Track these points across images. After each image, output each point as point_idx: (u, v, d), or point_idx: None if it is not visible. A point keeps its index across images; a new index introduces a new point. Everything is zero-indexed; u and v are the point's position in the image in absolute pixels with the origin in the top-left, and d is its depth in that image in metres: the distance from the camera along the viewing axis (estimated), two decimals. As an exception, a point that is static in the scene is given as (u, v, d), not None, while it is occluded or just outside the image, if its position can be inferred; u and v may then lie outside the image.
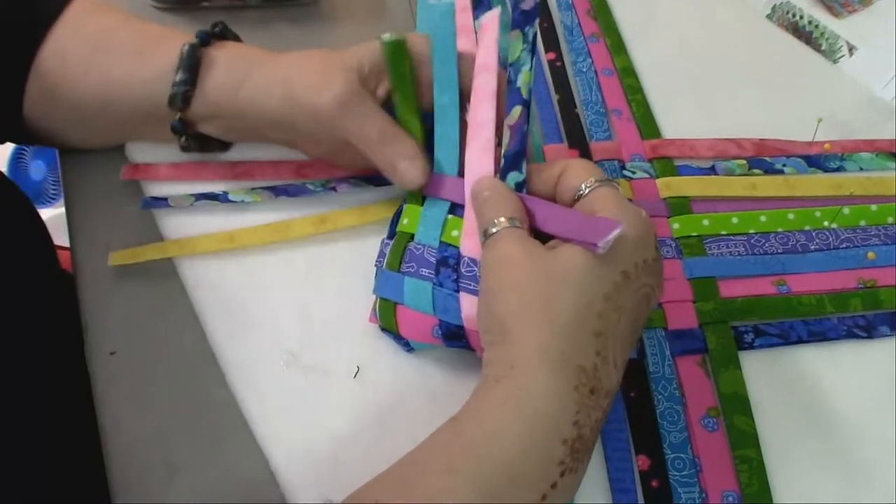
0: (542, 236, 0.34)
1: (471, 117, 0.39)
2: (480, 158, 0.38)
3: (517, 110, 0.37)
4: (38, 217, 0.47)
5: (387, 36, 0.38)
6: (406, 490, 0.29)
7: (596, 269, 0.31)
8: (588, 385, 0.30)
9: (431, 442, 0.31)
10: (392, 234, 0.41)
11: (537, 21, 0.37)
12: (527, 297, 0.31)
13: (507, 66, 0.38)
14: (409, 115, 0.40)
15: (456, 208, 0.39)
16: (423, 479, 0.29)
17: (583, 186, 0.34)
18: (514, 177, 0.36)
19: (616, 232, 0.30)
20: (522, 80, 0.37)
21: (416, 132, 0.40)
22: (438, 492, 0.28)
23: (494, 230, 0.33)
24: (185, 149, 0.43)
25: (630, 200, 0.38)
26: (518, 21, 0.37)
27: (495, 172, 0.37)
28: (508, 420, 0.29)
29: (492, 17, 0.39)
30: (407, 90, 0.39)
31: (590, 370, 0.30)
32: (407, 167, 0.39)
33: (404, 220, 0.40)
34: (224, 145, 0.46)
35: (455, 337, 0.37)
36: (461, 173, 0.39)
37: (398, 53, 0.38)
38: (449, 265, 0.37)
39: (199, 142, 0.44)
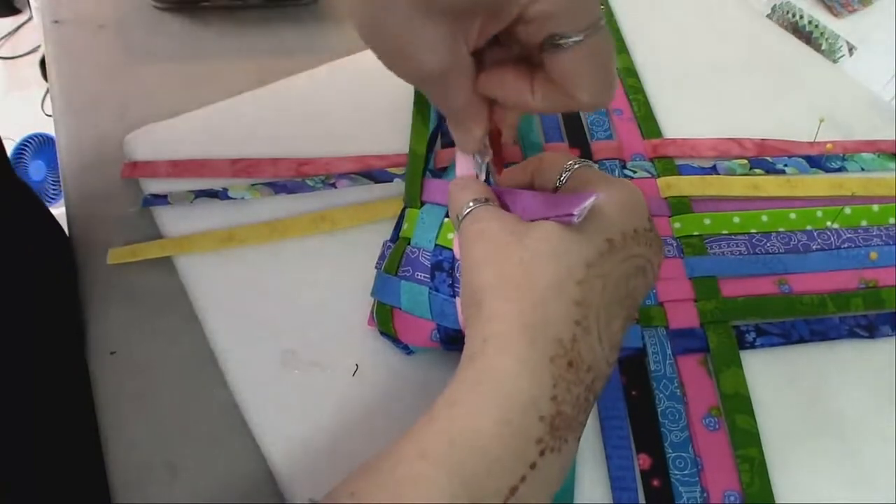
0: None
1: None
2: (462, 161, 0.37)
3: None
4: (46, 214, 0.47)
5: None
6: (380, 480, 0.27)
7: (575, 235, 0.29)
8: (566, 357, 0.28)
9: (408, 431, 0.29)
10: (395, 239, 0.41)
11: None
12: (502, 269, 0.29)
13: None
14: (419, 120, 0.40)
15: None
16: (396, 467, 0.27)
17: (561, 174, 0.33)
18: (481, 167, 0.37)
19: (591, 199, 0.28)
20: None
21: (422, 138, 0.41)
22: (411, 478, 0.27)
23: (466, 211, 0.32)
24: None
25: None
26: None
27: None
28: (480, 399, 0.28)
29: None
30: (421, 101, 0.40)
31: (567, 342, 0.28)
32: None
33: (405, 225, 0.40)
34: None
35: (453, 341, 0.37)
36: None
37: None
38: (443, 269, 0.37)
39: None
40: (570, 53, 0.29)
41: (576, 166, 0.33)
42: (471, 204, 0.33)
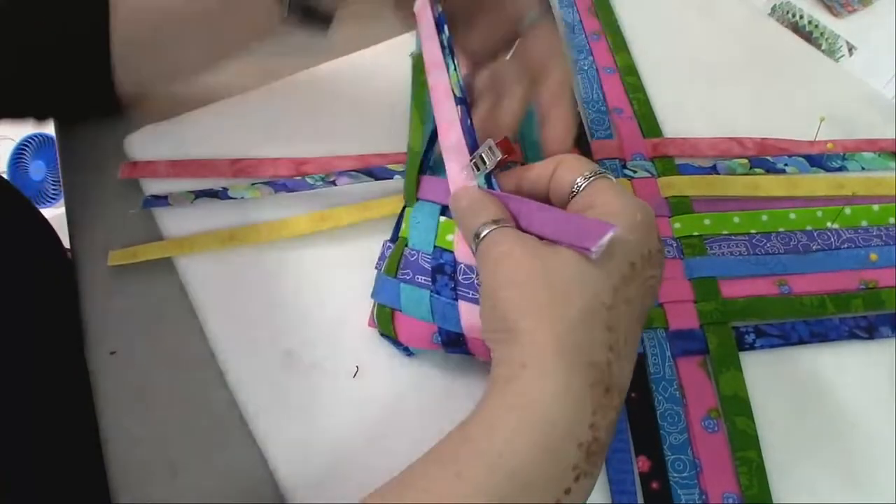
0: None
1: (437, 119, 0.38)
2: (451, 159, 0.37)
3: (457, 110, 0.37)
4: (39, 217, 0.47)
5: (414, 51, 0.38)
6: (413, 496, 0.28)
7: (602, 259, 0.29)
8: (603, 383, 0.28)
9: (440, 448, 0.29)
10: (395, 238, 0.41)
11: (446, 26, 0.37)
12: (532, 293, 0.29)
13: (454, 56, 0.38)
14: (417, 118, 0.40)
15: (446, 209, 0.38)
16: (431, 486, 0.28)
17: (578, 181, 0.33)
18: (479, 173, 0.36)
19: (609, 235, 0.29)
20: (452, 83, 0.37)
21: (418, 135, 0.40)
22: (447, 498, 0.27)
23: (484, 233, 0.32)
24: (289, 10, 0.41)
25: None
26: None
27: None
28: (520, 424, 0.27)
29: (423, 4, 0.39)
30: (420, 97, 0.40)
31: (603, 366, 0.28)
32: None
33: (404, 225, 0.40)
34: (325, 22, 0.43)
35: (455, 344, 0.37)
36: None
37: (420, 64, 0.39)
38: (445, 272, 0.37)
39: (304, 12, 0.42)
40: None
41: (593, 176, 0.32)
42: (489, 226, 0.32)
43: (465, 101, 0.37)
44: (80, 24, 0.41)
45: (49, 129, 0.54)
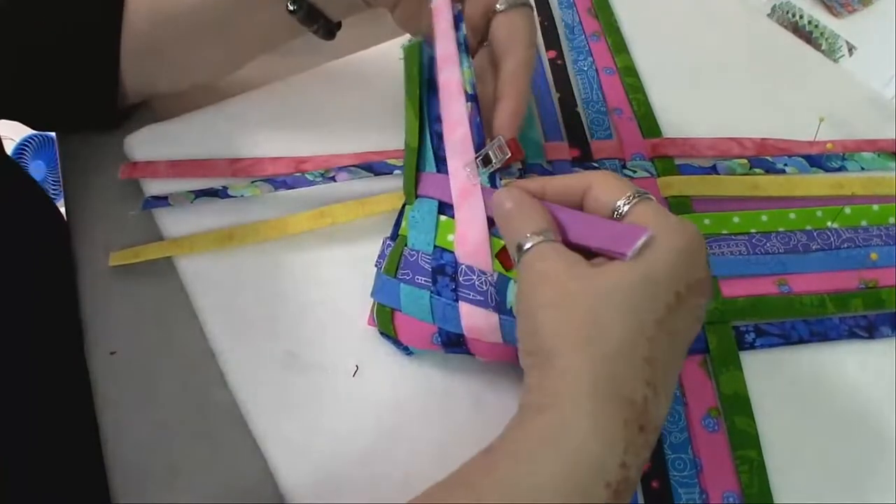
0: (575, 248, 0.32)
1: (444, 115, 0.38)
2: (454, 155, 0.37)
3: (467, 107, 0.37)
4: (52, 210, 0.47)
5: (405, 43, 0.38)
6: None
7: (648, 288, 0.28)
8: (637, 421, 0.27)
9: (464, 472, 0.28)
10: (395, 236, 0.40)
11: (463, 24, 0.38)
12: (572, 318, 0.28)
13: (468, 53, 0.38)
14: (412, 113, 0.40)
15: (445, 208, 0.38)
16: None
17: (620, 204, 0.31)
18: (484, 171, 0.37)
19: (644, 238, 0.28)
20: (465, 80, 0.37)
21: (414, 130, 0.40)
22: None
23: (528, 245, 0.31)
24: (293, 12, 0.41)
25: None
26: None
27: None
28: (548, 458, 0.26)
29: (443, 1, 0.39)
30: (413, 91, 0.39)
31: (640, 403, 0.27)
32: None
33: (404, 223, 0.40)
34: (329, 31, 0.44)
35: (455, 344, 0.37)
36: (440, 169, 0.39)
37: (413, 56, 0.38)
38: (446, 273, 0.36)
39: (310, 14, 0.42)
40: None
41: (636, 199, 0.31)
42: (535, 237, 0.31)
43: (476, 99, 0.37)
44: (88, 28, 0.41)
45: (49, 129, 0.54)
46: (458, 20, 0.38)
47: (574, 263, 0.30)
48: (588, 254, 0.31)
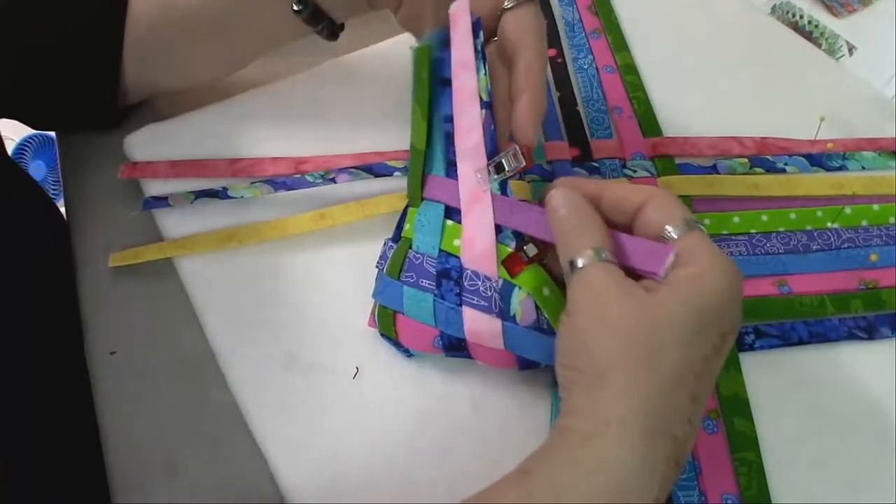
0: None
1: (456, 120, 0.38)
2: (465, 161, 0.37)
3: (482, 114, 0.37)
4: (52, 210, 0.47)
5: (414, 45, 0.38)
6: None
7: (701, 326, 0.28)
8: (675, 457, 0.27)
9: (498, 490, 0.28)
10: (397, 237, 0.40)
11: (481, 31, 0.38)
12: (628, 345, 0.28)
13: (485, 61, 0.38)
14: (420, 115, 0.40)
15: (452, 212, 0.38)
16: None
17: (669, 229, 0.31)
18: (495, 178, 0.37)
19: (671, 257, 0.29)
20: (480, 86, 0.37)
21: (421, 132, 0.40)
22: None
23: (582, 262, 0.30)
24: (298, 12, 0.41)
25: None
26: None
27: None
28: (589, 490, 0.26)
29: (462, 7, 0.39)
30: (422, 93, 0.39)
31: (681, 440, 0.27)
32: None
33: (407, 225, 0.39)
34: (332, 32, 0.44)
35: (456, 348, 0.36)
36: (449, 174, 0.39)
37: (422, 59, 0.38)
38: (451, 278, 0.36)
39: (315, 14, 0.42)
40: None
41: (687, 230, 0.30)
42: (592, 255, 0.30)
43: (491, 106, 0.37)
44: (90, 27, 0.41)
45: (49, 128, 0.54)
46: (475, 27, 0.38)
47: (630, 289, 0.29)
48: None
